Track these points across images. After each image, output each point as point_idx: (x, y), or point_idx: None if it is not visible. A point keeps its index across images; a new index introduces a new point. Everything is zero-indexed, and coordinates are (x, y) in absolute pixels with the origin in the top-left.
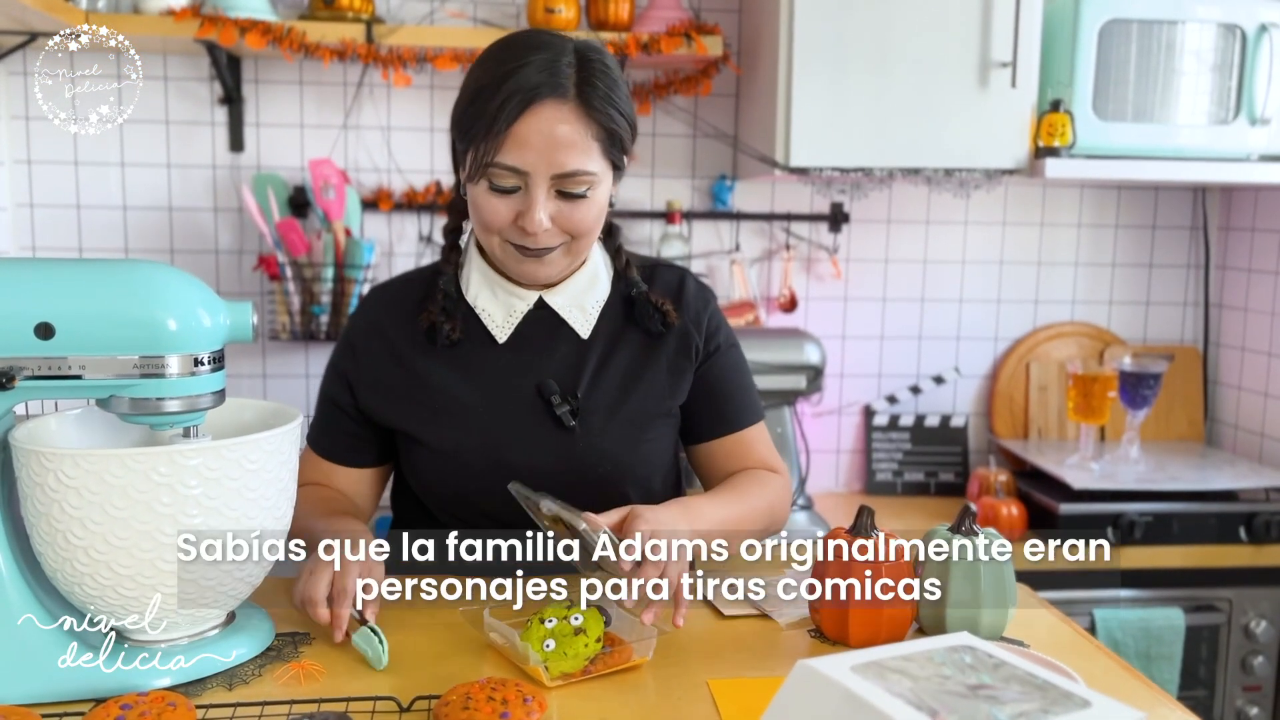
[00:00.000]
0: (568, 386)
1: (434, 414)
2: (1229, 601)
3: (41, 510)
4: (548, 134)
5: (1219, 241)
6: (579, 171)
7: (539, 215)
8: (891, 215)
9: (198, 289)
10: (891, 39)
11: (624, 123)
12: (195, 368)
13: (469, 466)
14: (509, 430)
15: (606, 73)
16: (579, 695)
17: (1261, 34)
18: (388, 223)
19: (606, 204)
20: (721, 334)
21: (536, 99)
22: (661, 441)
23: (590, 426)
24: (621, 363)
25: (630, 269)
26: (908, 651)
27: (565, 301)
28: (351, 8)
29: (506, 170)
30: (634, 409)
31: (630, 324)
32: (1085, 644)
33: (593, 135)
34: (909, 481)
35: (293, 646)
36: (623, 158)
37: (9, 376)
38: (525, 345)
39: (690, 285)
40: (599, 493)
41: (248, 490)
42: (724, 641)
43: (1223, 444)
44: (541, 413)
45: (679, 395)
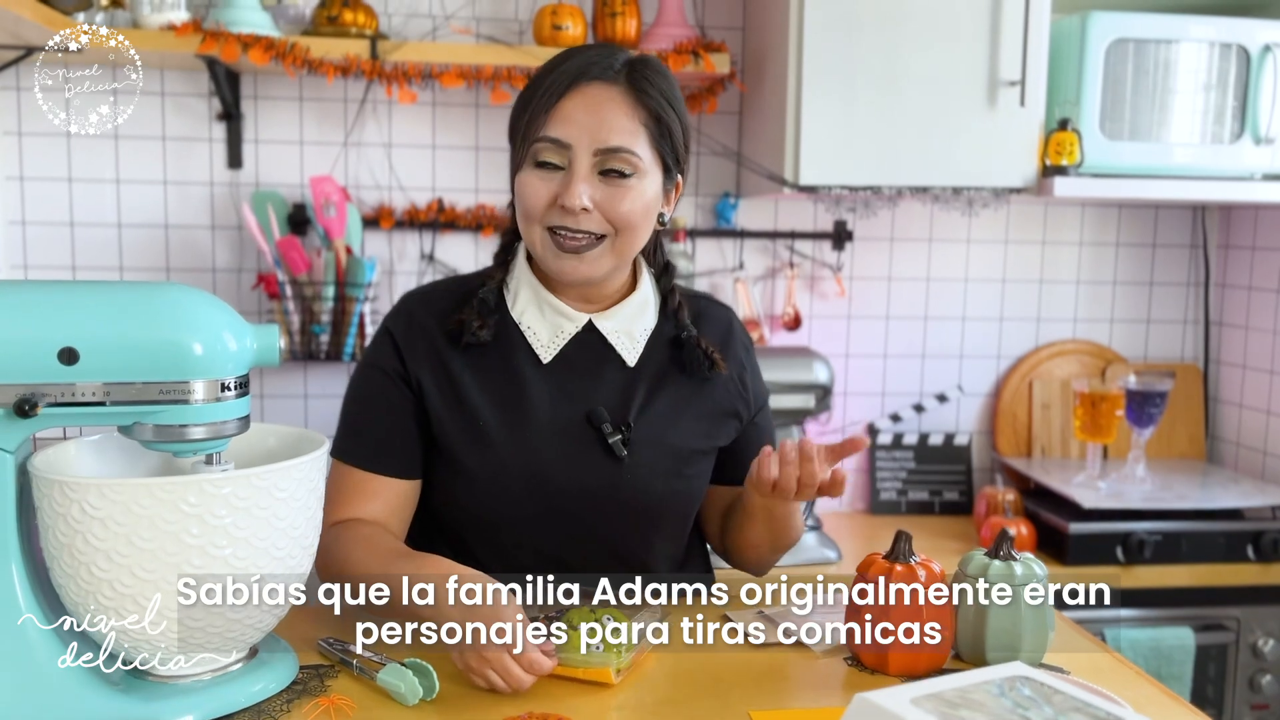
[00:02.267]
0: (617, 415)
1: (473, 431)
2: (1237, 620)
3: (64, 542)
4: (593, 109)
5: (1219, 259)
6: (622, 149)
7: (579, 187)
8: (895, 233)
9: (224, 312)
10: (900, 57)
11: (675, 117)
12: (221, 393)
13: (508, 490)
14: (554, 456)
15: (660, 71)
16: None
17: (1265, 54)
18: (389, 241)
19: (654, 204)
20: (762, 393)
21: (584, 78)
22: (701, 479)
23: (638, 458)
24: (668, 397)
25: (682, 310)
26: (964, 683)
27: (615, 326)
28: (355, 24)
29: (549, 143)
30: (679, 444)
31: (676, 362)
32: (1122, 669)
33: (640, 120)
34: (913, 500)
35: (319, 680)
36: (675, 162)
37: (31, 404)
38: (571, 368)
39: (737, 332)
40: (636, 523)
41: (277, 519)
42: (761, 671)
43: (1225, 462)
44: (591, 440)
45: (720, 440)
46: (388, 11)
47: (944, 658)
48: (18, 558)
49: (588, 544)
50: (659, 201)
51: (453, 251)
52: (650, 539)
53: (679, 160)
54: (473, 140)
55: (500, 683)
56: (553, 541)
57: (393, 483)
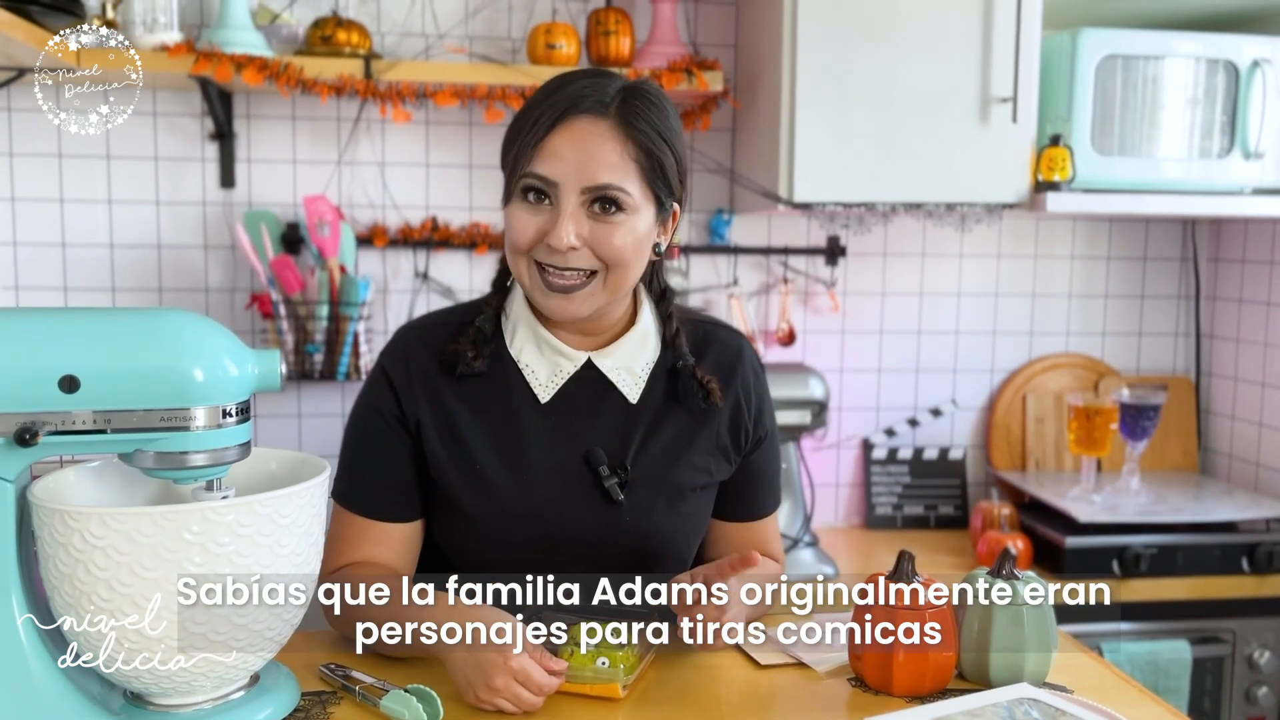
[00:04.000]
0: (615, 455)
1: (471, 473)
2: (1233, 633)
3: (65, 572)
4: (580, 145)
5: (1209, 273)
6: (610, 186)
7: (566, 227)
8: (888, 248)
9: (225, 337)
10: (893, 75)
11: (668, 151)
12: (222, 419)
13: (508, 534)
14: (551, 499)
15: (654, 101)
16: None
17: (1254, 70)
18: (383, 259)
19: (646, 239)
20: (768, 421)
21: (573, 111)
22: (701, 515)
23: (637, 499)
24: (669, 432)
25: (680, 338)
26: (970, 706)
27: (614, 364)
28: (349, 43)
29: (537, 179)
30: (678, 482)
31: (675, 395)
32: (1126, 688)
33: (630, 155)
34: (909, 515)
35: (321, 707)
36: (669, 195)
37: (32, 433)
38: (570, 407)
39: (747, 360)
40: (634, 561)
41: (279, 546)
42: (764, 693)
43: (1217, 474)
44: (589, 482)
45: (722, 473)
46: (381, 31)
47: (948, 678)
48: (18, 588)
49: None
50: (652, 234)
51: (447, 270)
52: (646, 572)
53: (673, 192)
54: (466, 159)
55: (510, 708)
56: None
57: (395, 528)
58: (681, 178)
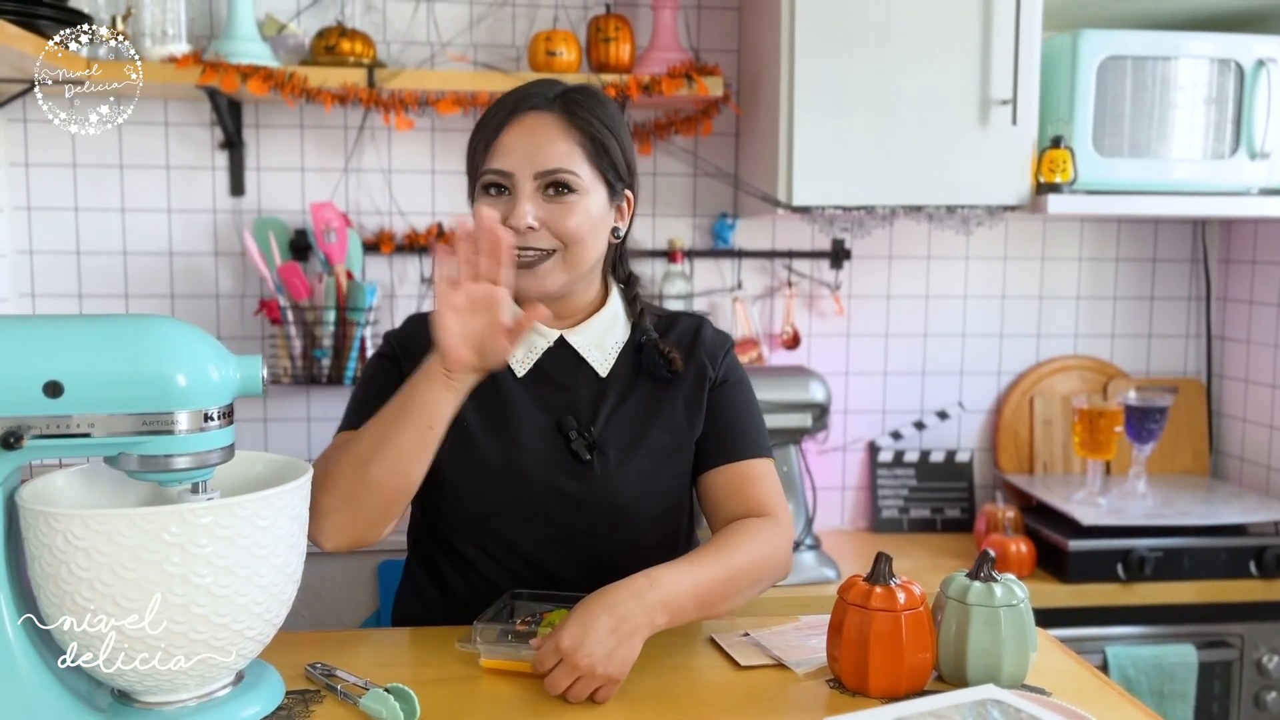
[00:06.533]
0: (586, 423)
1: (456, 428)
2: (1240, 637)
3: (49, 571)
4: (529, 137)
5: (1220, 274)
6: (560, 170)
7: (523, 207)
8: (893, 251)
9: (207, 343)
10: (892, 78)
11: (610, 136)
12: (205, 423)
13: (488, 485)
14: (530, 455)
15: (593, 95)
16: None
17: (1259, 69)
18: (389, 265)
19: (601, 220)
20: (734, 371)
21: (521, 108)
22: (681, 479)
23: (608, 462)
24: (639, 400)
25: (644, 317)
26: (934, 706)
27: (585, 341)
28: (353, 53)
29: (494, 174)
30: (652, 445)
31: (641, 369)
32: (1106, 690)
33: (575, 141)
34: (915, 518)
35: (304, 705)
36: (618, 179)
37: (17, 436)
38: (545, 381)
39: (707, 330)
40: (617, 528)
41: (259, 548)
42: (742, 694)
43: (1228, 476)
44: (562, 446)
45: (696, 429)
46: (385, 40)
47: (925, 679)
48: (6, 589)
49: (568, 548)
50: (607, 216)
51: None
52: (626, 542)
53: (621, 177)
54: None
55: None
56: (532, 541)
57: None
58: (629, 164)
